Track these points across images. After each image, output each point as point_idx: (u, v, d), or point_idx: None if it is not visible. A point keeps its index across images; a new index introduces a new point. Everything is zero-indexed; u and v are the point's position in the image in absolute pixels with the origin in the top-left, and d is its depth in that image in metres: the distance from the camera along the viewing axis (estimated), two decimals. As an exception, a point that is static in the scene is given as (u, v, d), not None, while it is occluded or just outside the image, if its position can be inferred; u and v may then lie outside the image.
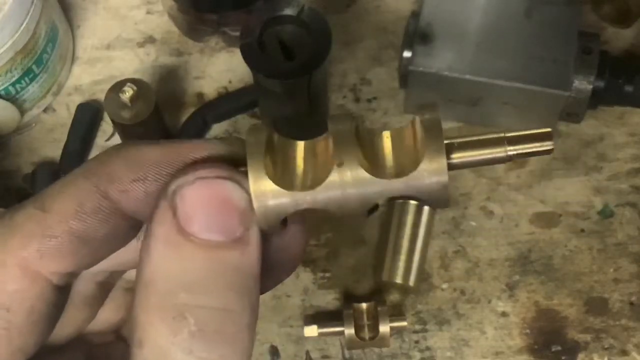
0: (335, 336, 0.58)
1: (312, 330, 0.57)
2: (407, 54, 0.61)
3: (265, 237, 0.24)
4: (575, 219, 0.62)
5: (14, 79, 0.63)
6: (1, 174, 0.65)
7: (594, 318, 0.59)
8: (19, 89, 0.64)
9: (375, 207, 0.25)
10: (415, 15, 0.63)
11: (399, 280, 0.58)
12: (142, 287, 0.22)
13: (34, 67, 0.64)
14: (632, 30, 0.68)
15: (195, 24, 0.67)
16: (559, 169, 0.63)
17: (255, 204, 0.23)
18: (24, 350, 0.24)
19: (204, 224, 0.22)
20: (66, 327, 0.27)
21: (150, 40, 0.70)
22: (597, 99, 0.61)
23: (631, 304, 0.59)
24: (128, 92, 0.59)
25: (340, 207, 0.24)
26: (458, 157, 0.25)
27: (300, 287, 0.60)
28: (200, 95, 0.68)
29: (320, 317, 0.59)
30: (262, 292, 0.25)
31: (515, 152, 0.25)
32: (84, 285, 0.27)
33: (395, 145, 0.25)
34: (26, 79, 0.64)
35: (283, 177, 0.24)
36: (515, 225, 0.62)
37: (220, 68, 0.69)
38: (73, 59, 0.70)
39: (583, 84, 0.60)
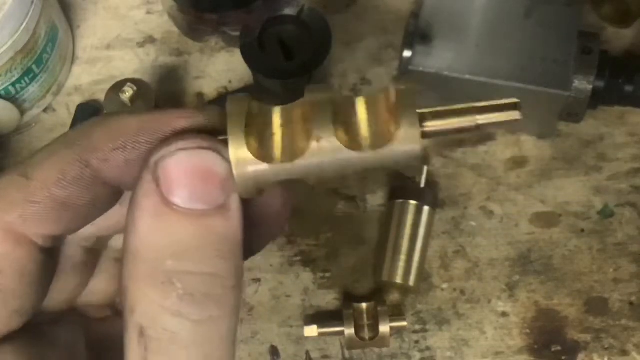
0: (335, 336, 0.58)
1: (312, 330, 0.57)
2: (407, 54, 0.61)
3: (245, 200, 0.25)
4: (575, 219, 0.62)
5: (14, 79, 0.63)
6: (1, 174, 0.65)
7: (594, 318, 0.59)
8: (19, 89, 0.64)
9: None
10: (415, 15, 0.63)
11: (399, 280, 0.58)
12: (130, 256, 0.23)
13: (34, 67, 0.64)
14: (632, 30, 0.68)
15: (195, 24, 0.67)
16: (559, 169, 0.63)
17: (235, 173, 0.23)
18: (19, 313, 0.25)
19: (186, 194, 0.23)
20: (59, 294, 0.28)
21: (150, 40, 0.70)
22: (597, 99, 0.61)
23: (631, 304, 0.59)
24: (128, 92, 0.59)
25: (317, 177, 0.25)
26: (430, 125, 0.26)
27: (300, 287, 0.60)
28: (200, 95, 0.68)
29: (320, 317, 0.59)
30: (250, 255, 0.26)
31: (483, 122, 0.27)
32: (72, 251, 0.27)
33: (371, 114, 0.26)
34: (26, 79, 0.64)
35: (262, 147, 0.24)
36: (515, 225, 0.62)
37: (220, 68, 0.69)
38: (73, 59, 0.70)
39: (583, 84, 0.60)
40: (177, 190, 0.23)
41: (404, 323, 0.57)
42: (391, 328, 0.56)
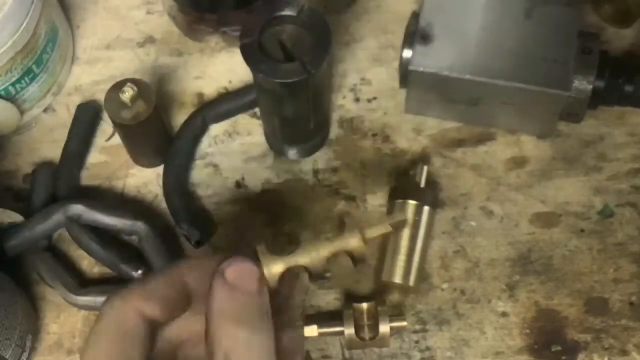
0: (335, 336, 0.58)
1: (312, 330, 0.57)
2: (407, 54, 0.61)
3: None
4: (575, 219, 0.62)
5: (14, 79, 0.63)
6: (1, 174, 0.65)
7: (594, 318, 0.59)
8: (19, 89, 0.64)
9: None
10: (416, 15, 0.63)
11: (398, 280, 0.58)
12: (214, 315, 0.39)
13: (34, 67, 0.64)
14: (632, 30, 0.68)
15: (195, 24, 0.67)
16: (559, 169, 0.64)
17: (265, 272, 0.41)
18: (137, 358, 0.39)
19: (240, 284, 0.40)
20: None
21: (150, 40, 0.70)
22: (597, 99, 0.61)
23: (631, 304, 0.59)
24: (128, 92, 0.59)
25: (311, 265, 0.43)
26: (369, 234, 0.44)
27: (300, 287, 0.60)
28: (200, 95, 0.68)
29: (320, 317, 0.59)
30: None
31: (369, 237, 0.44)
32: (165, 346, 0.42)
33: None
34: (26, 79, 0.64)
35: (277, 260, 0.42)
36: (515, 225, 0.62)
37: (220, 68, 0.69)
38: (73, 59, 0.70)
39: (583, 84, 0.60)
40: (235, 282, 0.40)
41: (404, 323, 0.57)
42: (391, 328, 0.56)
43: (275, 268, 0.42)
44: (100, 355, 0.39)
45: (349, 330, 0.56)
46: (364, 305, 0.57)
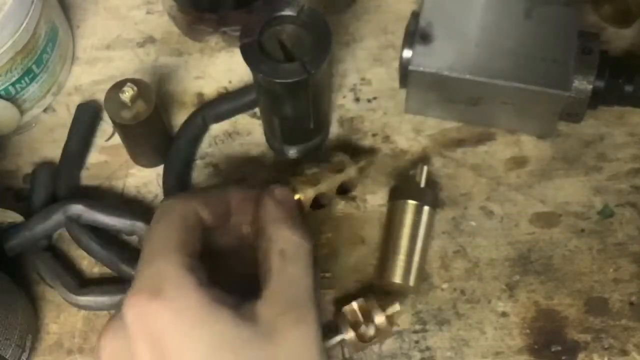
0: (338, 348, 0.57)
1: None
2: (407, 53, 0.61)
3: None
4: (575, 219, 0.62)
5: (14, 79, 0.63)
6: (1, 174, 0.65)
7: (594, 318, 0.59)
8: (19, 89, 0.64)
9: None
10: (416, 15, 0.63)
11: (398, 280, 0.58)
12: (270, 220, 0.49)
13: (34, 67, 0.64)
14: (632, 30, 0.68)
15: (195, 24, 0.67)
16: (559, 169, 0.64)
17: (299, 197, 0.54)
18: (197, 247, 0.47)
19: (286, 201, 0.51)
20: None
21: (150, 40, 0.70)
22: (597, 99, 0.61)
23: (631, 304, 0.59)
24: (128, 92, 0.59)
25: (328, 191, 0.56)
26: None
27: (300, 287, 0.60)
28: (200, 95, 0.68)
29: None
30: None
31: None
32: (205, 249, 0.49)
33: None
34: (26, 79, 0.64)
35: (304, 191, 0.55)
36: (515, 225, 0.62)
37: (220, 68, 0.69)
38: (73, 59, 0.70)
39: (583, 84, 0.60)
40: (280, 201, 0.50)
41: (397, 307, 0.56)
42: (387, 317, 0.56)
43: (307, 194, 0.54)
44: (170, 239, 0.46)
45: (349, 335, 0.56)
46: (354, 304, 0.56)
